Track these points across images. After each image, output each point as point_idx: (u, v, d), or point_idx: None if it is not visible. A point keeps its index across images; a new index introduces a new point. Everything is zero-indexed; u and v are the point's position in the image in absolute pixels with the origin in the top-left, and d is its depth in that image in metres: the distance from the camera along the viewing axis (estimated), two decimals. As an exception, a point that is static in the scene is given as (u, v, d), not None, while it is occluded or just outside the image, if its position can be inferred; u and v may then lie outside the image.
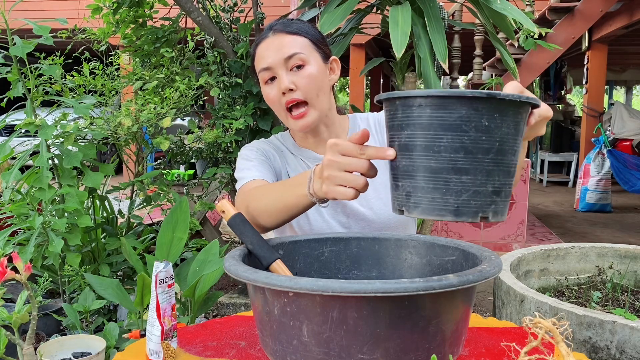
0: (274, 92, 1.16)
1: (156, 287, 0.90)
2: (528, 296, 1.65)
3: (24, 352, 1.28)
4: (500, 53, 2.36)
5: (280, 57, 1.14)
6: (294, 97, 1.14)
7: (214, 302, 2.15)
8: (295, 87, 1.14)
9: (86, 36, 3.05)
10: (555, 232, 4.86)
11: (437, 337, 0.79)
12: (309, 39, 1.17)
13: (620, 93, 16.66)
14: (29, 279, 1.22)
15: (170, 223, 2.12)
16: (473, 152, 0.69)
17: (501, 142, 0.70)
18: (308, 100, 1.15)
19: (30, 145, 2.17)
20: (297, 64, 1.14)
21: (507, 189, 0.74)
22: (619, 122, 6.41)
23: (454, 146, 0.69)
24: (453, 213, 0.71)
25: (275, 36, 1.17)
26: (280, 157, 1.28)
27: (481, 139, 0.69)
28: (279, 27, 1.18)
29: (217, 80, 2.75)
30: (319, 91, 1.16)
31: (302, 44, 1.16)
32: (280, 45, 1.15)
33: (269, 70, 1.15)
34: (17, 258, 1.19)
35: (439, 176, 0.71)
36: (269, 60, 1.15)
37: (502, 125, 0.70)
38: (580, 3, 4.80)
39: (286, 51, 1.14)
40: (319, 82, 1.16)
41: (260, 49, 1.18)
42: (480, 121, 0.68)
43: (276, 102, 1.16)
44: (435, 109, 0.69)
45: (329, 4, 2.28)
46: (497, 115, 0.69)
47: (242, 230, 1.01)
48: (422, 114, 0.70)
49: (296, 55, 1.14)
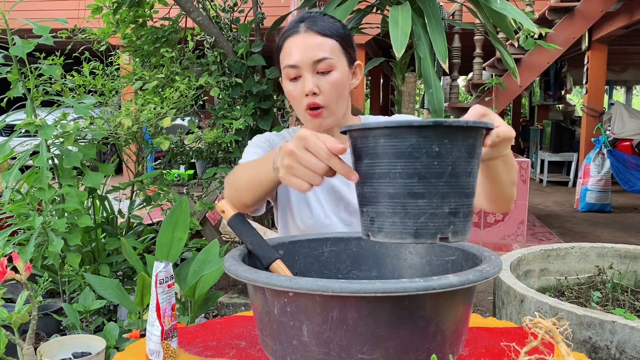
0: (298, 91, 1.16)
1: (156, 287, 0.90)
2: (528, 296, 1.65)
3: (24, 352, 1.28)
4: (500, 53, 2.36)
5: (309, 59, 1.13)
6: (316, 101, 1.14)
7: (214, 302, 2.15)
8: (319, 91, 1.14)
9: (86, 36, 3.05)
10: (555, 232, 4.86)
11: (437, 337, 0.79)
12: (339, 42, 1.17)
13: (620, 93, 16.67)
14: (29, 279, 1.22)
15: (170, 223, 2.12)
16: (426, 177, 0.73)
17: (453, 166, 0.74)
18: (327, 106, 1.16)
19: (30, 145, 2.17)
20: (325, 69, 1.14)
21: (465, 209, 0.77)
22: (619, 122, 6.41)
23: (408, 172, 0.73)
24: (413, 235, 0.75)
25: (306, 34, 1.15)
26: None
27: (433, 164, 0.73)
28: (311, 24, 1.16)
29: (217, 80, 2.75)
30: (340, 97, 1.17)
31: (332, 47, 1.15)
32: (311, 46, 1.14)
33: (295, 69, 1.15)
34: (17, 258, 1.19)
35: (397, 201, 0.74)
36: (296, 58, 1.14)
37: (453, 150, 0.73)
38: (580, 3, 4.80)
39: (316, 54, 1.13)
40: (341, 89, 1.17)
41: (289, 44, 1.17)
42: (431, 147, 0.72)
43: (297, 99, 1.17)
44: (389, 138, 0.74)
45: (328, 4, 2.28)
46: (447, 141, 0.72)
47: (242, 230, 1.01)
48: (377, 144, 0.75)
49: (325, 60, 1.14)
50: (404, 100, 3.48)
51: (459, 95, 5.59)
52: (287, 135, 1.32)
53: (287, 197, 1.27)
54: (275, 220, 1.35)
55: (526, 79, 5.03)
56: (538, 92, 9.22)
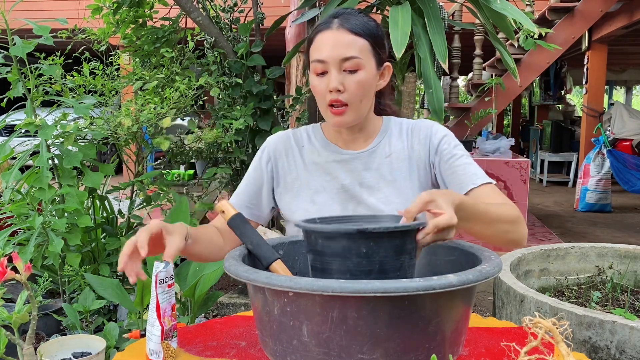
0: (322, 86, 1.16)
1: (156, 287, 0.90)
2: (528, 296, 1.65)
3: (24, 352, 1.28)
4: (500, 53, 2.36)
5: (337, 56, 1.13)
6: (339, 98, 1.15)
7: (214, 302, 2.15)
8: (344, 88, 1.14)
9: (86, 36, 3.05)
10: (555, 232, 4.86)
11: (437, 337, 0.79)
12: (370, 42, 1.16)
13: (620, 93, 16.66)
14: (29, 279, 1.22)
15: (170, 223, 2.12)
16: (357, 275, 0.85)
17: (381, 264, 0.85)
18: (350, 104, 1.16)
19: (30, 145, 2.17)
20: (352, 68, 1.14)
21: None
22: (619, 122, 6.41)
23: (341, 269, 0.86)
24: None
25: (338, 31, 1.15)
26: (291, 156, 1.29)
27: (362, 263, 0.85)
28: (344, 21, 1.16)
29: (217, 80, 2.75)
30: (364, 97, 1.17)
31: (362, 47, 1.15)
32: (341, 44, 1.14)
33: (322, 64, 1.15)
34: (17, 258, 1.19)
35: None
36: (325, 54, 1.14)
37: (380, 250, 0.84)
38: (580, 3, 4.80)
39: (344, 52, 1.13)
40: (366, 90, 1.17)
41: (319, 39, 1.17)
42: (359, 249, 0.84)
43: (320, 94, 1.17)
44: (325, 240, 0.87)
45: (328, 4, 2.28)
46: (373, 244, 0.84)
47: (242, 230, 1.01)
48: (316, 243, 0.89)
49: (353, 59, 1.13)
50: (404, 100, 3.49)
51: (459, 95, 5.59)
52: (299, 134, 1.31)
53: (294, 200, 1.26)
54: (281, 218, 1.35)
55: (526, 79, 5.03)
56: (538, 92, 9.22)
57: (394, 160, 1.23)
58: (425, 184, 1.23)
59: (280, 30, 2.97)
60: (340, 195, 1.23)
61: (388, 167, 1.22)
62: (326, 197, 1.23)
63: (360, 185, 1.22)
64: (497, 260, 0.88)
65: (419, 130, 1.26)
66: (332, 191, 1.23)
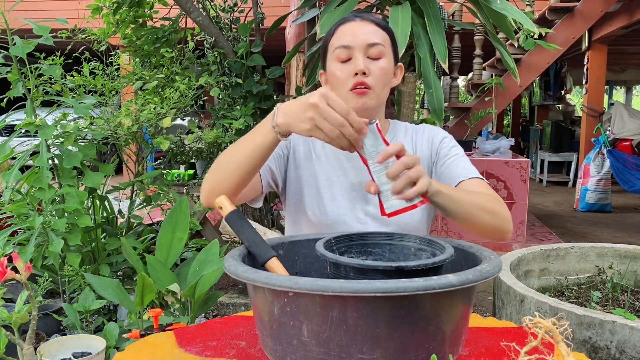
0: (345, 73, 1.18)
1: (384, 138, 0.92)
2: (528, 296, 1.65)
3: (24, 352, 1.28)
4: (500, 53, 2.36)
5: (363, 41, 1.16)
6: (365, 80, 1.16)
7: (214, 302, 2.15)
8: (369, 72, 1.17)
9: (86, 36, 3.05)
10: (555, 232, 4.86)
11: (437, 337, 0.79)
12: (390, 36, 1.22)
13: (620, 93, 16.67)
14: (29, 279, 1.22)
15: (170, 223, 2.12)
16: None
17: None
18: (373, 88, 1.18)
19: (30, 145, 2.17)
20: (376, 55, 1.17)
21: None
22: (618, 122, 6.41)
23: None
24: None
25: (362, 22, 1.19)
26: (310, 141, 1.29)
27: None
28: (366, 15, 1.22)
29: (217, 80, 2.75)
30: (385, 85, 1.20)
31: (384, 37, 1.20)
32: (367, 31, 1.18)
33: (347, 49, 1.17)
34: (17, 258, 1.19)
35: None
36: (350, 39, 1.17)
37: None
38: (580, 3, 4.80)
39: (371, 38, 1.17)
40: (388, 79, 1.21)
41: (343, 28, 1.20)
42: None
43: (342, 81, 1.18)
44: (357, 273, 0.85)
45: (328, 4, 2.28)
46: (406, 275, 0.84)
47: (239, 227, 1.00)
48: (347, 275, 0.87)
49: (378, 45, 1.17)
50: (404, 100, 3.48)
51: (459, 95, 5.59)
52: None
53: (300, 190, 1.27)
54: (282, 214, 1.35)
55: (526, 79, 5.04)
56: (538, 92, 9.22)
57: None
58: None
59: (280, 30, 2.97)
60: (349, 194, 1.24)
61: None
62: (336, 193, 1.24)
63: None
64: (497, 260, 0.88)
65: (422, 132, 1.30)
66: (341, 187, 1.25)
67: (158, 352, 0.96)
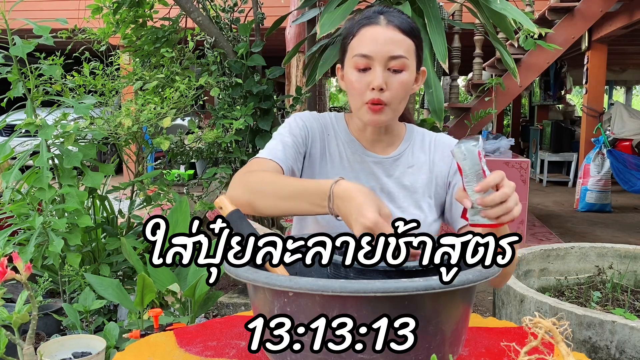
0: (362, 84, 1.12)
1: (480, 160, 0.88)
2: (528, 296, 1.65)
3: (24, 352, 1.28)
4: (500, 53, 2.36)
5: (385, 53, 1.09)
6: (381, 98, 1.11)
7: (214, 302, 2.15)
8: (386, 88, 1.11)
9: (86, 36, 3.05)
10: (555, 232, 4.85)
11: (437, 337, 0.79)
12: (415, 44, 1.13)
13: (620, 93, 16.67)
14: (29, 279, 1.22)
15: (170, 223, 2.12)
16: None
17: None
18: (389, 104, 1.12)
19: (30, 145, 2.17)
20: (398, 67, 1.10)
21: None
22: (618, 122, 6.40)
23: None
24: None
25: (387, 28, 1.11)
26: (325, 139, 1.25)
27: None
28: (393, 19, 1.12)
29: (217, 80, 2.75)
30: (403, 99, 1.14)
31: (409, 48, 1.12)
32: (390, 41, 1.10)
33: (366, 59, 1.10)
34: (17, 258, 1.19)
35: None
36: (372, 48, 1.10)
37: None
38: (580, 3, 4.80)
39: (393, 49, 1.09)
40: (407, 91, 1.14)
41: (365, 32, 1.12)
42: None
43: (358, 90, 1.13)
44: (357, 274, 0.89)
45: (328, 4, 2.28)
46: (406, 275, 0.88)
47: (239, 227, 1.00)
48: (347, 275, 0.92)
49: (400, 58, 1.10)
50: (404, 100, 3.48)
51: (459, 95, 5.59)
52: (328, 120, 1.26)
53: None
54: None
55: (526, 79, 5.03)
56: (538, 92, 9.21)
57: (415, 172, 1.21)
58: (438, 201, 1.22)
59: (280, 30, 2.97)
60: None
61: (409, 177, 1.21)
62: None
63: (380, 191, 1.20)
64: (497, 260, 0.88)
65: (442, 146, 1.24)
66: None
67: (158, 352, 0.96)
